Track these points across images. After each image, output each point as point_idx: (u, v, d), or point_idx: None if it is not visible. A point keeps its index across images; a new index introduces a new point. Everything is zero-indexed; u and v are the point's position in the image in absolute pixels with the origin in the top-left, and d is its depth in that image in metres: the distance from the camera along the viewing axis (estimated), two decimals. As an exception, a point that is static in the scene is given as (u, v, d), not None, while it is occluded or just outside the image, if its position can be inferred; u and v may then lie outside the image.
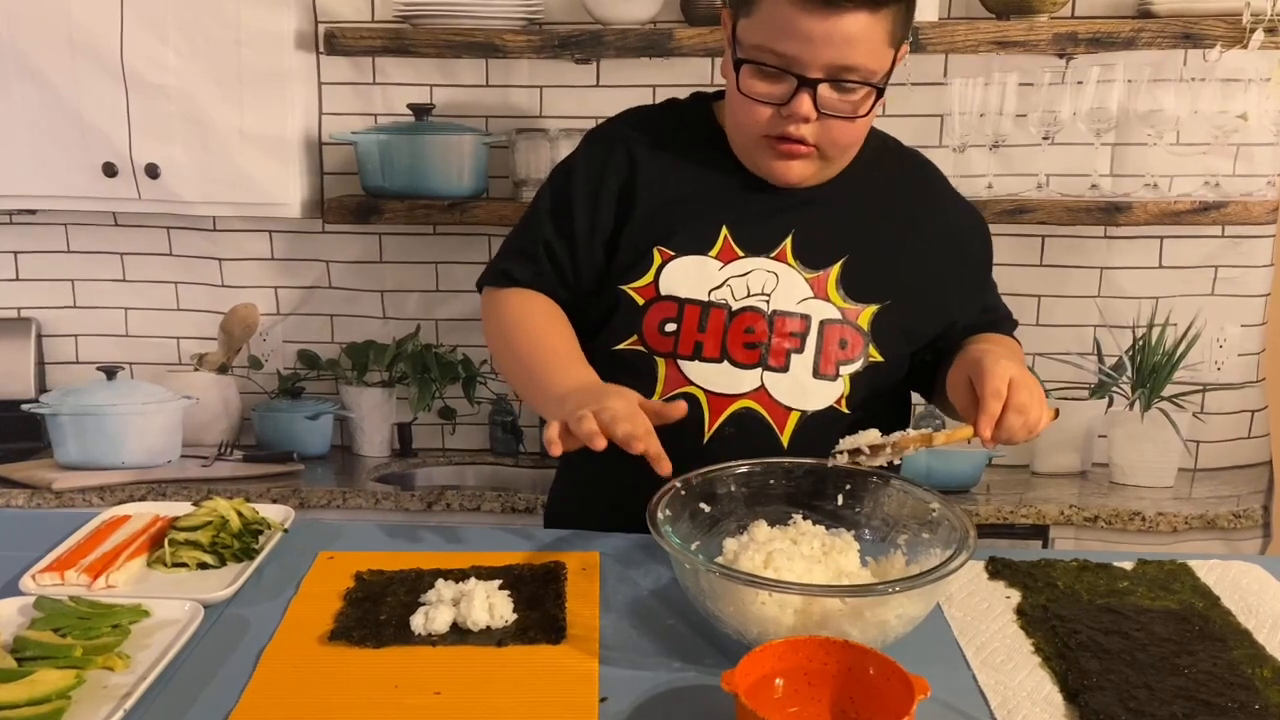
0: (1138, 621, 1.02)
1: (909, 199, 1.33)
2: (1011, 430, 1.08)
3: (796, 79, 1.17)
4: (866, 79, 1.18)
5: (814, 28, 1.14)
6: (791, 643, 0.86)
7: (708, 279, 1.25)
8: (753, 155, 1.26)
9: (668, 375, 1.24)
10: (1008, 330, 1.38)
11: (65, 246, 2.17)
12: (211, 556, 1.13)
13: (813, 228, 1.26)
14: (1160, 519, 1.95)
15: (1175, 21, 1.86)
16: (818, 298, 1.25)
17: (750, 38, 1.19)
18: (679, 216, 1.26)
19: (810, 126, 1.19)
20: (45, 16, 1.96)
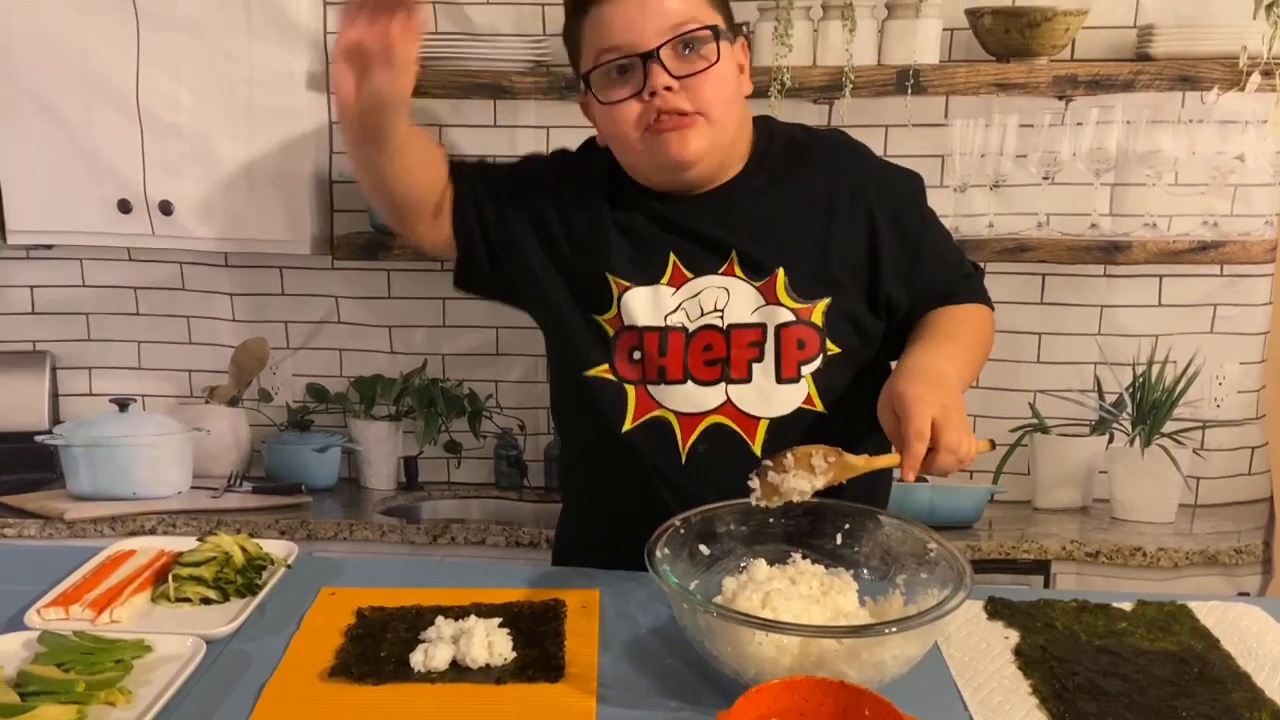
0: (1136, 663, 1.02)
1: (832, 186, 1.31)
2: (942, 469, 1.08)
3: (640, 59, 1.20)
4: (702, 28, 1.21)
5: (626, 6, 1.20)
6: (788, 683, 0.87)
7: (662, 305, 1.27)
8: (648, 157, 1.26)
9: (638, 402, 1.27)
10: (969, 288, 1.36)
11: (80, 281, 2.20)
12: (215, 592, 1.14)
13: (753, 238, 1.27)
14: (1161, 555, 1.95)
15: (1173, 64, 1.88)
16: (770, 304, 1.26)
17: (589, 57, 1.24)
18: (627, 249, 1.29)
19: (678, 95, 1.21)
20: (62, 56, 2.00)
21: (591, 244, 1.30)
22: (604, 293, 1.28)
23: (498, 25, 1.99)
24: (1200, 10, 1.89)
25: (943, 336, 1.26)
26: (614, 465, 1.28)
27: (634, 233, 1.29)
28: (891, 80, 1.91)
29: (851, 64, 1.90)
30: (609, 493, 1.26)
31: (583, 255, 1.30)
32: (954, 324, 1.29)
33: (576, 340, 1.30)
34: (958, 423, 1.08)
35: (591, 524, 1.37)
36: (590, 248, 1.30)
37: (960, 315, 1.31)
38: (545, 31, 1.99)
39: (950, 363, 1.18)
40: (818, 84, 1.92)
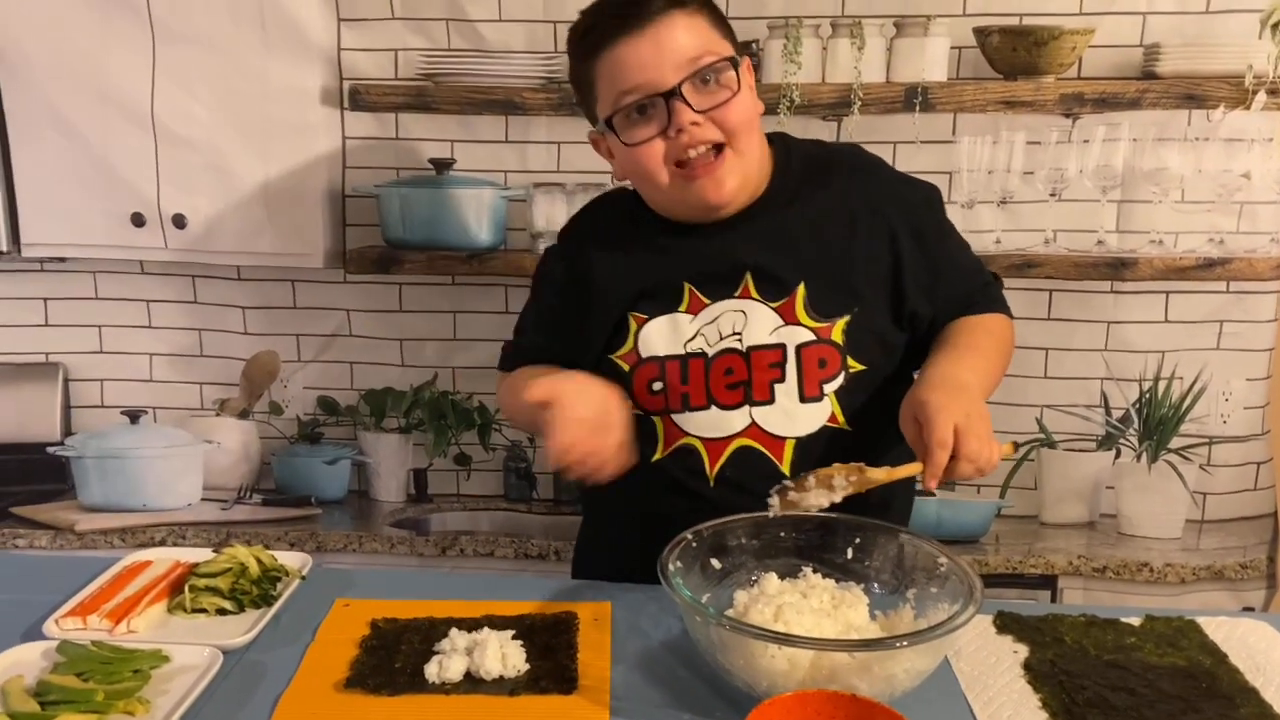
0: (1145, 678, 1.02)
1: (851, 199, 1.31)
2: (964, 476, 1.09)
3: (661, 99, 1.21)
4: (719, 60, 1.22)
5: (641, 49, 1.21)
6: (800, 696, 0.87)
7: (681, 333, 1.28)
8: (679, 197, 1.27)
9: (665, 431, 1.28)
10: (989, 297, 1.36)
11: (93, 293, 2.22)
12: (230, 603, 1.15)
13: (768, 259, 1.28)
14: (1168, 570, 1.96)
15: (1179, 83, 1.89)
16: (789, 324, 1.26)
17: (606, 102, 1.25)
18: (646, 283, 1.30)
19: (704, 127, 1.22)
20: (79, 71, 2.03)
21: (610, 290, 1.31)
22: (624, 331, 1.30)
23: (510, 42, 2.01)
24: (1206, 29, 1.90)
25: (964, 346, 1.26)
26: (643, 494, 1.28)
27: (650, 267, 1.31)
28: (900, 98, 1.92)
29: (860, 81, 1.92)
30: (637, 519, 1.26)
31: (604, 302, 1.32)
32: (975, 334, 1.29)
33: None
34: (980, 430, 1.09)
35: (615, 546, 1.37)
36: (609, 293, 1.31)
37: (981, 325, 1.31)
38: (557, 48, 2.01)
39: (972, 372, 1.19)
40: (827, 101, 1.94)
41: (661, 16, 1.20)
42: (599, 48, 1.24)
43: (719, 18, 1.27)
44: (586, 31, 1.27)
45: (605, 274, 1.32)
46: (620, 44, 1.22)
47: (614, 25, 1.23)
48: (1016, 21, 1.91)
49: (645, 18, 1.20)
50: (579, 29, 1.29)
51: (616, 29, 1.22)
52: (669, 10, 1.21)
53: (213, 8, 1.99)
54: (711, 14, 1.26)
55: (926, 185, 1.37)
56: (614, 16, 1.23)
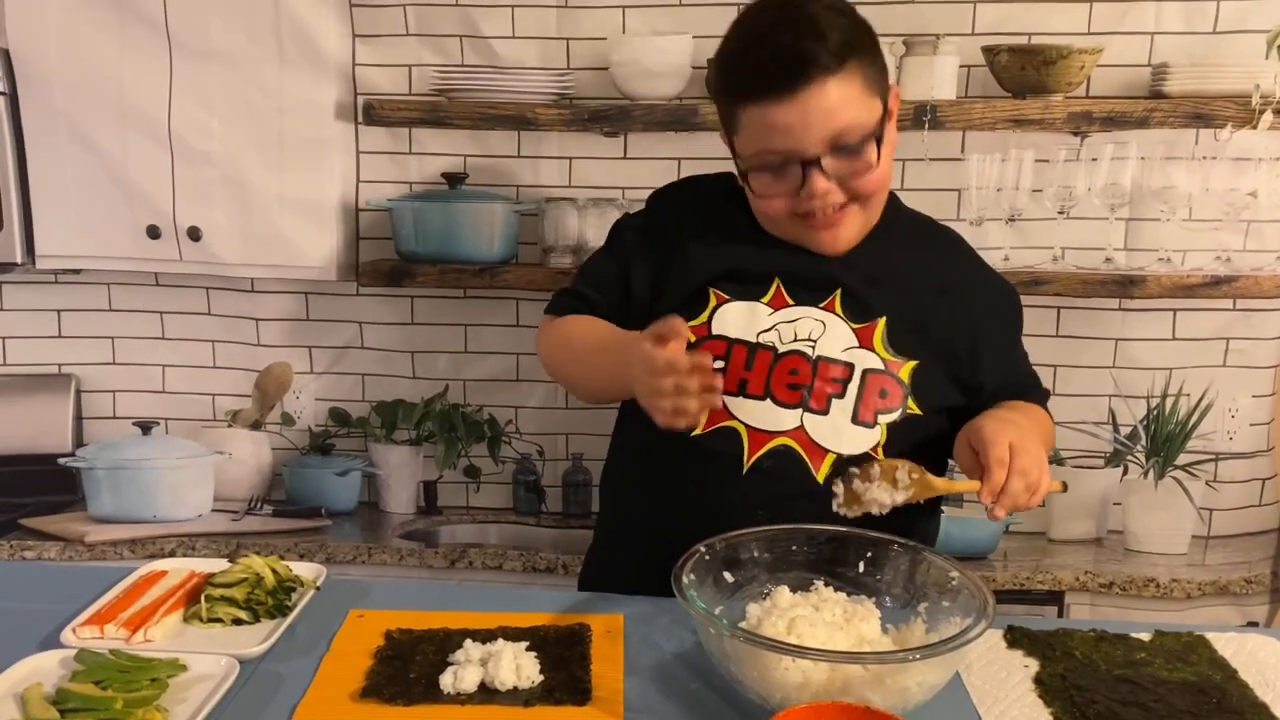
0: (1155, 693, 1.03)
1: (945, 268, 1.36)
2: (1014, 495, 1.11)
3: (800, 165, 1.22)
4: (864, 134, 1.22)
5: (789, 115, 1.19)
6: (814, 708, 0.88)
7: (757, 322, 1.29)
8: (793, 236, 1.30)
9: (712, 410, 1.26)
10: (1038, 399, 1.39)
11: (107, 305, 2.24)
12: (246, 613, 1.16)
13: (861, 284, 1.30)
14: (1175, 585, 1.96)
15: (1187, 102, 1.91)
16: (863, 348, 1.28)
17: (745, 149, 1.25)
18: (735, 266, 1.31)
19: (834, 194, 1.24)
20: (96, 85, 2.06)
21: (697, 261, 1.32)
22: (700, 303, 1.30)
23: (523, 59, 2.04)
24: (1213, 50, 1.92)
25: (1011, 408, 1.29)
26: (673, 469, 1.28)
27: (744, 252, 1.31)
28: (909, 115, 1.94)
29: (870, 99, 1.93)
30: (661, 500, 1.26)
31: (685, 271, 1.32)
32: (1021, 408, 1.32)
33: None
34: (1033, 451, 1.12)
35: (630, 539, 1.37)
36: (694, 263, 1.32)
37: (1028, 406, 1.34)
38: (569, 65, 2.03)
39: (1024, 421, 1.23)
40: (836, 118, 1.95)
41: (815, 84, 1.18)
42: (745, 98, 1.22)
43: (875, 67, 1.23)
44: (736, 74, 1.24)
45: (695, 244, 1.33)
46: (768, 105, 1.19)
47: (765, 85, 1.19)
48: (1025, 41, 1.93)
49: (798, 85, 1.17)
50: (728, 65, 1.26)
51: (767, 89, 1.19)
52: (824, 78, 1.17)
53: (230, 23, 2.02)
54: (867, 68, 1.22)
55: (1012, 288, 1.42)
56: (768, 76, 1.19)
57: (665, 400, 1.12)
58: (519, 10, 2.02)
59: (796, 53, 1.18)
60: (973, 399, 1.33)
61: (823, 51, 1.18)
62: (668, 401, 1.12)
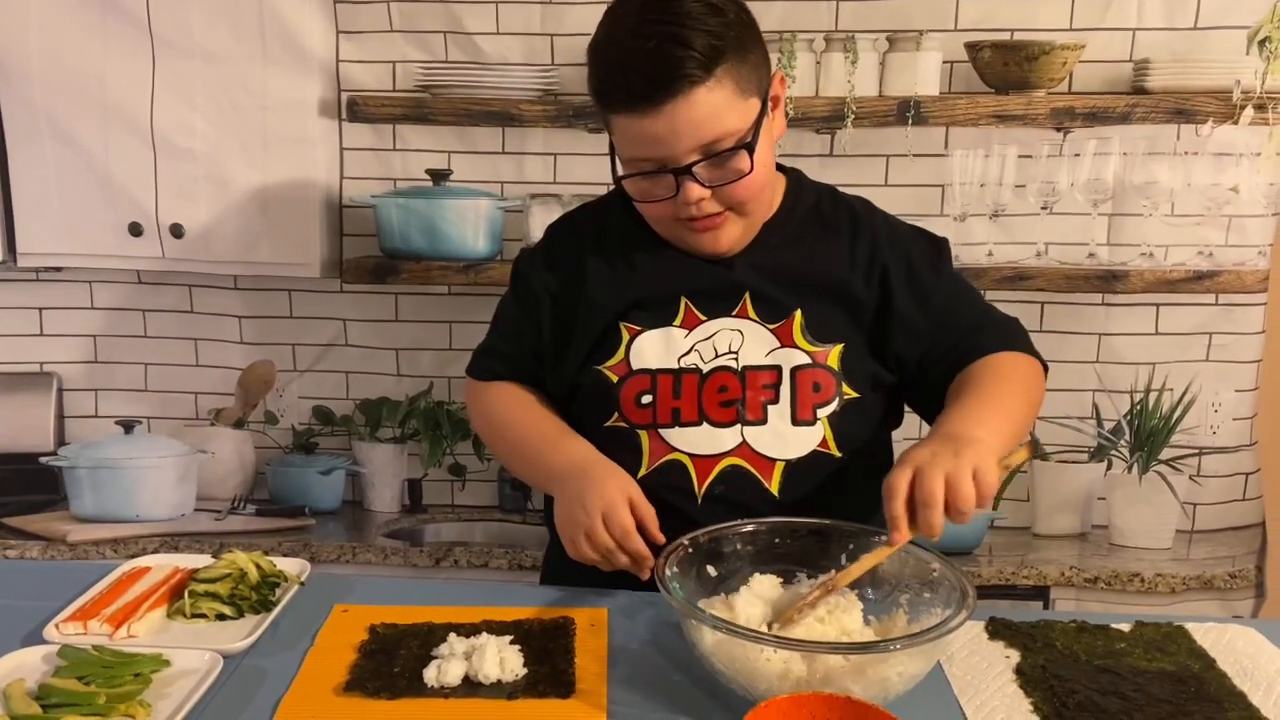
0: (1135, 683, 1.03)
1: (854, 243, 1.31)
2: (931, 528, 1.04)
3: (671, 173, 1.19)
4: (736, 141, 1.18)
5: (656, 126, 1.15)
6: (795, 699, 0.88)
7: (675, 347, 1.26)
8: (678, 239, 1.28)
9: (651, 447, 1.25)
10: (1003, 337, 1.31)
11: (89, 303, 2.22)
12: (230, 608, 1.15)
13: (767, 284, 1.27)
14: (1159, 580, 1.97)
15: (1168, 98, 1.92)
16: (785, 346, 1.26)
17: (622, 153, 1.22)
18: (641, 294, 1.29)
19: (709, 201, 1.20)
20: (78, 81, 2.05)
21: (602, 298, 1.29)
22: (614, 341, 1.28)
23: (507, 55, 2.04)
24: (1195, 46, 1.93)
25: (967, 396, 1.22)
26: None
27: (646, 278, 1.29)
28: (893, 111, 1.95)
29: (853, 95, 1.95)
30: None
31: (593, 311, 1.29)
32: (980, 380, 1.24)
33: (584, 395, 1.30)
34: (943, 465, 1.05)
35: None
36: (601, 301, 1.29)
37: (989, 368, 1.26)
38: (554, 61, 2.03)
39: (963, 422, 1.15)
40: (820, 114, 1.96)
41: (680, 96, 1.13)
42: (613, 108, 1.19)
43: (749, 65, 1.18)
44: (602, 83, 1.20)
45: (598, 281, 1.30)
46: (636, 116, 1.16)
47: (630, 97, 1.16)
48: (1008, 37, 1.94)
49: (663, 98, 1.13)
50: (595, 71, 1.20)
51: (632, 101, 1.16)
52: (691, 89, 1.13)
53: (212, 19, 2.02)
54: (740, 69, 1.17)
55: (931, 236, 1.36)
56: (630, 90, 1.15)
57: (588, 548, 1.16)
58: (503, 6, 2.02)
59: (660, 63, 1.13)
60: (903, 370, 1.30)
61: (688, 60, 1.12)
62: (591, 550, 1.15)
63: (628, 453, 1.25)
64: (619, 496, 1.16)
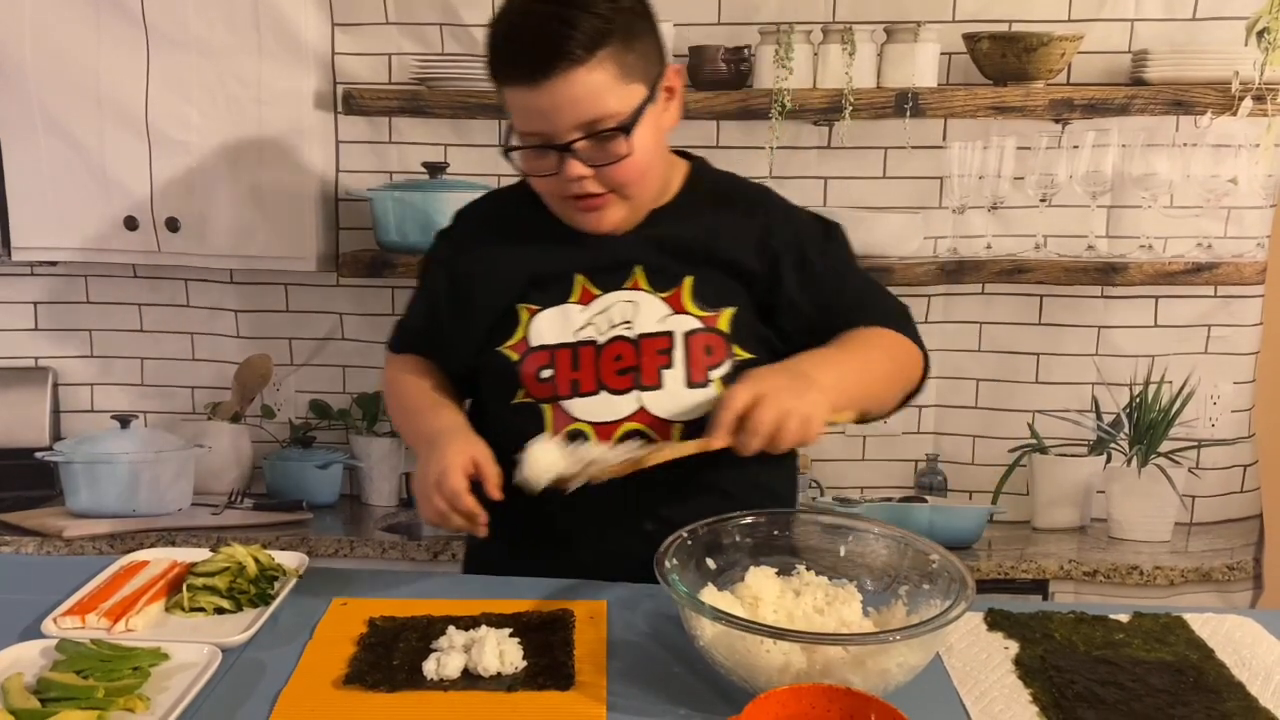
0: (1133, 673, 1.04)
1: (746, 223, 1.35)
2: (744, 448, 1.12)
3: (554, 149, 1.23)
4: (617, 123, 1.22)
5: (539, 100, 1.20)
6: (795, 690, 0.88)
7: (572, 323, 1.31)
8: (566, 215, 1.32)
9: (555, 418, 1.29)
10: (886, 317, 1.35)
11: (85, 297, 2.21)
12: (228, 601, 1.16)
13: (659, 255, 1.32)
14: (1158, 573, 1.97)
15: (1167, 89, 1.92)
16: (677, 313, 1.30)
17: (515, 125, 1.27)
18: (536, 273, 1.33)
19: (592, 181, 1.25)
20: (72, 74, 2.03)
21: (499, 281, 1.34)
22: (513, 322, 1.32)
23: (503, 47, 2.02)
24: (1193, 36, 1.93)
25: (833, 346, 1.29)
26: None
27: (541, 258, 1.34)
28: (890, 103, 1.94)
29: (851, 86, 1.94)
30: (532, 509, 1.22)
31: (491, 294, 1.34)
32: (851, 339, 1.31)
33: (489, 375, 1.34)
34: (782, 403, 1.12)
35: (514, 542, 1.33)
36: (497, 284, 1.34)
37: (863, 333, 1.32)
38: (550, 54, 2.02)
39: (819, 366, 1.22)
40: (818, 106, 1.96)
41: (560, 75, 1.18)
42: (503, 80, 1.24)
43: (635, 52, 1.23)
44: (493, 55, 1.25)
45: (494, 265, 1.36)
46: (520, 90, 1.21)
47: (513, 71, 1.22)
48: (1006, 28, 1.93)
49: (545, 74, 1.18)
50: (489, 43, 1.26)
51: (515, 76, 1.22)
52: (569, 67, 1.18)
53: (207, 12, 2.00)
54: (624, 55, 1.21)
55: (825, 221, 1.40)
56: (515, 63, 1.21)
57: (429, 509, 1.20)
58: (500, -2, 2.01)
59: (544, 40, 1.18)
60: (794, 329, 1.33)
61: (570, 41, 1.17)
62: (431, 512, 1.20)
63: (533, 427, 1.29)
64: (455, 460, 1.19)
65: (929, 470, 2.12)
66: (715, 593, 1.06)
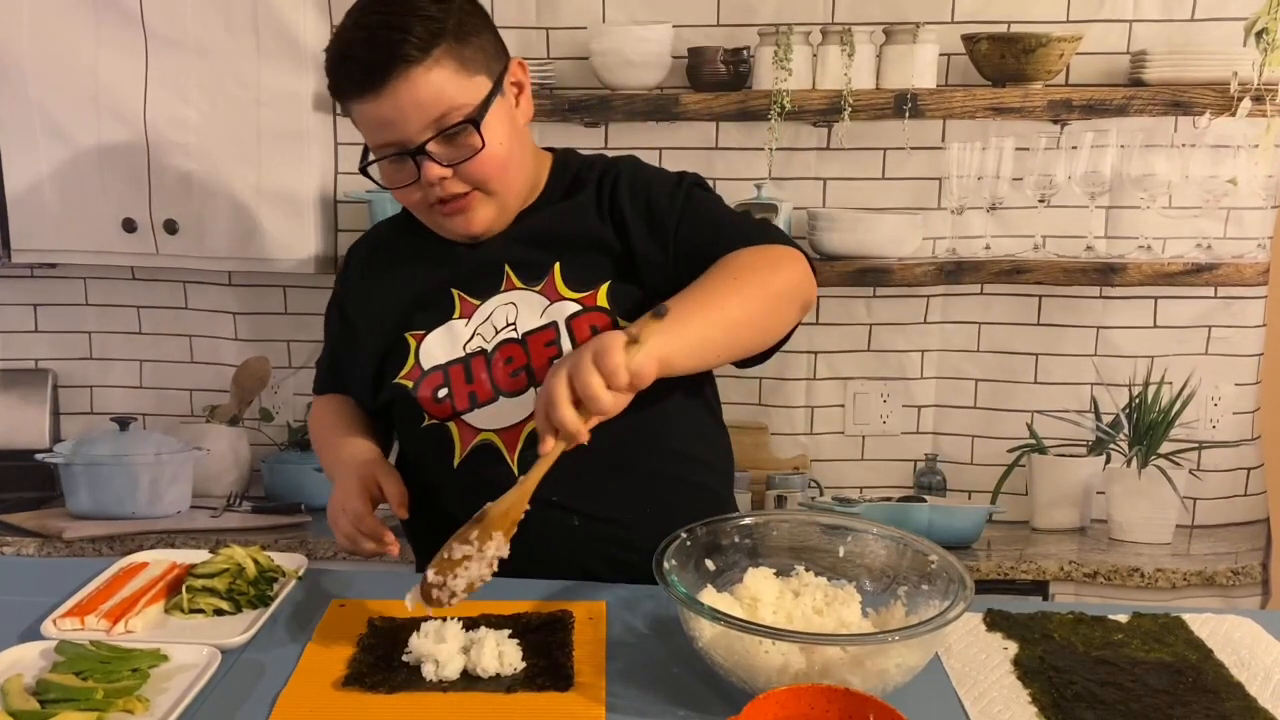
0: (1132, 673, 1.03)
1: (598, 193, 1.35)
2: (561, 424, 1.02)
3: (408, 155, 1.23)
4: (464, 115, 1.22)
5: (379, 110, 1.21)
6: (794, 690, 0.88)
7: (459, 338, 1.31)
8: (436, 225, 1.33)
9: (460, 435, 1.30)
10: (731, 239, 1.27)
11: (84, 300, 2.21)
12: (228, 603, 1.15)
13: (524, 251, 1.32)
14: (1159, 575, 1.97)
15: (1165, 90, 1.92)
16: (555, 302, 1.29)
17: (368, 141, 1.28)
18: (415, 302, 1.34)
19: (452, 181, 1.25)
20: (71, 76, 2.03)
21: (381, 314, 1.36)
22: (403, 352, 1.33)
23: (502, 49, 2.02)
24: (1192, 37, 1.93)
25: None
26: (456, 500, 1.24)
27: (416, 281, 1.35)
28: (889, 104, 1.94)
29: (850, 88, 1.94)
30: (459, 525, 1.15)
31: (376, 328, 1.36)
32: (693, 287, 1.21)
33: (395, 409, 1.35)
34: (563, 366, 1.04)
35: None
36: (380, 317, 1.36)
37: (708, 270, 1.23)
38: (549, 55, 2.02)
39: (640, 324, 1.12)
40: (817, 107, 1.96)
41: (399, 78, 1.19)
42: (344, 97, 1.25)
43: (474, 47, 1.24)
44: (331, 73, 1.25)
45: (376, 299, 1.37)
46: (363, 103, 1.22)
47: (353, 85, 1.22)
48: (1004, 29, 1.93)
49: (383, 81, 1.19)
50: (328, 66, 1.26)
51: (356, 89, 1.22)
52: (406, 69, 1.19)
53: (205, 13, 2.00)
54: (462, 50, 1.22)
55: (679, 175, 1.37)
56: (351, 77, 1.22)
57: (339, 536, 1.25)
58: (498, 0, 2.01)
59: (377, 48, 1.19)
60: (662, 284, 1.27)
61: (404, 44, 1.18)
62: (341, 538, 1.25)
63: (444, 447, 1.30)
64: (356, 485, 1.23)
65: (928, 470, 2.12)
66: (714, 594, 1.06)
